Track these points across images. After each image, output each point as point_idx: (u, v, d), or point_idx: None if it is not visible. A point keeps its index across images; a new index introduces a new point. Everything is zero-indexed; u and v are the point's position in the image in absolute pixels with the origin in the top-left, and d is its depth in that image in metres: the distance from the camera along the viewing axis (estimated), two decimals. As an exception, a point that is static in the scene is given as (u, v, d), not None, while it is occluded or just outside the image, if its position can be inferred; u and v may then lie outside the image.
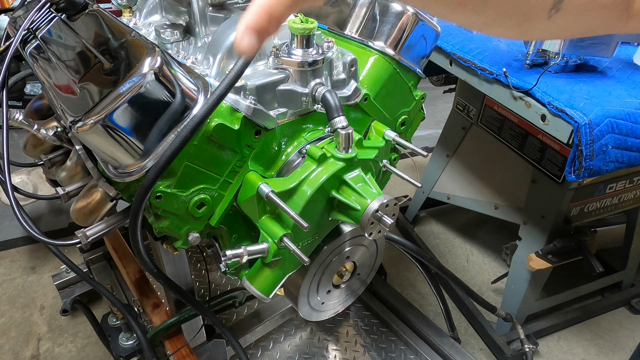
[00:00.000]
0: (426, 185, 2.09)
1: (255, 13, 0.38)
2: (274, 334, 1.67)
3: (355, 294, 1.00)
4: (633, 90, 1.31)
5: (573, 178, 1.20)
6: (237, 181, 0.81)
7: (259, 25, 0.38)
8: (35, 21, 1.00)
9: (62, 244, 0.85)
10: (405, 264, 2.06)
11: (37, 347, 1.68)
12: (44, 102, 1.12)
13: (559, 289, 1.78)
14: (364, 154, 0.82)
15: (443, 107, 3.25)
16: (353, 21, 0.95)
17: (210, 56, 0.81)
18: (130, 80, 0.64)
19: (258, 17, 0.38)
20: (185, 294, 1.00)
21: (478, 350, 1.71)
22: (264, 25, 0.38)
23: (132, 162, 0.69)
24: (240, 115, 0.74)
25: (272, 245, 0.75)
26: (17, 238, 2.16)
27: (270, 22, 0.38)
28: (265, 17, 0.38)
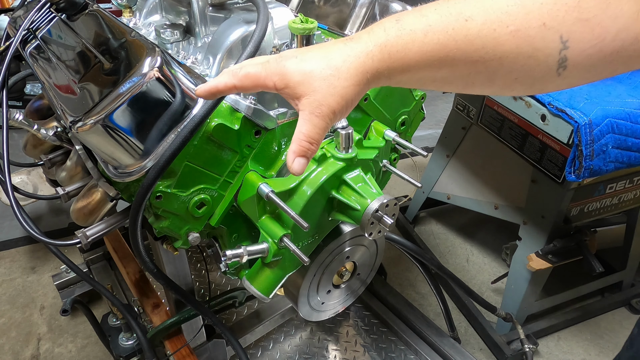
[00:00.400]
0: (426, 185, 2.09)
1: (298, 143, 0.52)
2: (274, 334, 1.67)
3: (355, 294, 1.00)
4: (633, 90, 1.31)
5: (573, 178, 1.20)
6: (237, 181, 0.81)
7: (304, 150, 0.52)
8: (35, 21, 1.00)
9: (62, 244, 0.85)
10: (405, 264, 2.06)
11: (37, 347, 1.68)
12: (44, 102, 1.12)
13: (559, 289, 1.78)
14: (364, 154, 0.82)
15: (443, 107, 3.25)
16: (353, 21, 0.95)
17: (210, 56, 0.81)
18: (130, 80, 0.64)
19: (301, 145, 0.52)
20: (185, 294, 1.00)
21: (478, 350, 1.71)
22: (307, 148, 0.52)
23: (132, 162, 0.70)
24: (240, 115, 0.74)
25: (272, 245, 0.75)
26: (17, 238, 2.16)
27: (311, 146, 0.52)
28: (306, 144, 0.52)
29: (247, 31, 0.79)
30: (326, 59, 0.51)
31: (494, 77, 0.50)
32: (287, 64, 0.52)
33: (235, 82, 0.55)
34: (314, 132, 0.51)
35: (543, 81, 0.50)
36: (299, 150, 0.51)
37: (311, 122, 0.51)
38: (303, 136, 0.51)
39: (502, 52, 0.48)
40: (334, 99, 0.50)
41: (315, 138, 0.52)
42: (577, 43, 0.46)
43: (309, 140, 0.51)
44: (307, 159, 0.52)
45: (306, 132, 0.51)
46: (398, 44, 0.50)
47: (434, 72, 0.51)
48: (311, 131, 0.51)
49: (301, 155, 0.52)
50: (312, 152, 0.52)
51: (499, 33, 0.47)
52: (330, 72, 0.50)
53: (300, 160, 0.52)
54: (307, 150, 0.52)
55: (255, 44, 0.67)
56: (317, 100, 0.50)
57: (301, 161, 0.52)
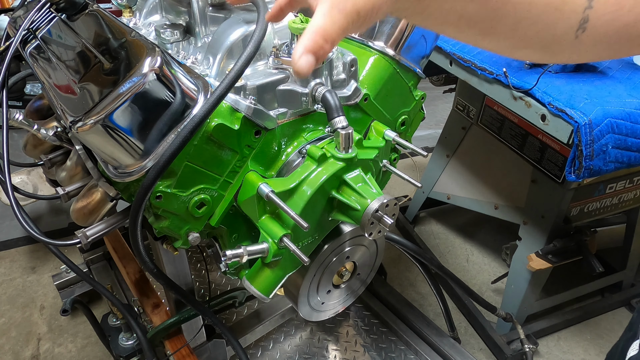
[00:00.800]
0: (426, 185, 2.09)
1: (311, 36, 0.43)
2: (274, 334, 1.67)
3: (355, 294, 1.00)
4: (633, 90, 1.31)
5: (573, 178, 1.20)
6: (237, 181, 0.81)
7: (316, 46, 0.43)
8: (35, 21, 1.00)
9: (62, 244, 0.85)
10: (405, 264, 2.06)
11: (37, 347, 1.68)
12: (44, 102, 1.12)
13: (559, 289, 1.78)
14: (364, 154, 0.82)
15: (443, 107, 3.25)
16: (353, 21, 0.95)
17: (210, 56, 0.81)
18: (130, 80, 0.64)
19: (314, 40, 0.43)
20: (185, 294, 1.00)
21: (478, 350, 1.71)
22: (319, 45, 0.43)
23: (132, 162, 0.70)
24: (240, 115, 0.74)
25: (272, 245, 0.75)
26: (17, 238, 2.16)
27: (325, 43, 0.43)
28: (320, 39, 0.43)
29: (247, 31, 0.79)
30: None
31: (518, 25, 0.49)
32: None
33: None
34: (332, 29, 0.43)
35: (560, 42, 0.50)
36: (310, 46, 0.43)
37: (331, 16, 0.44)
38: (320, 29, 0.43)
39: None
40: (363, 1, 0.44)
41: (332, 35, 0.44)
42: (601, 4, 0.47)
43: (324, 35, 0.43)
44: (316, 58, 0.44)
45: (323, 25, 0.43)
46: None
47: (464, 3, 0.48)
48: (328, 26, 0.43)
49: (311, 51, 0.43)
50: (324, 51, 0.44)
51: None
52: None
53: (308, 57, 0.44)
54: (320, 47, 0.44)
55: (255, 44, 0.67)
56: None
57: (309, 58, 0.44)
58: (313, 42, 0.43)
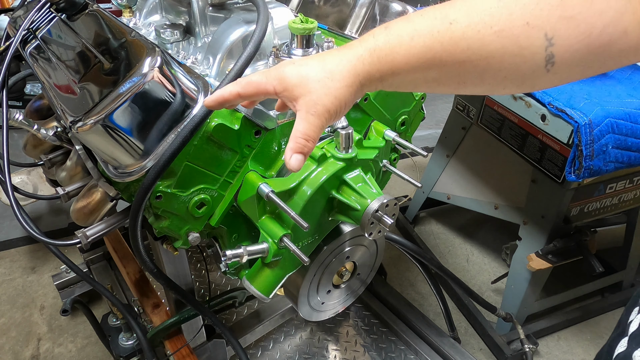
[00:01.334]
0: (426, 185, 2.09)
1: (295, 140, 0.54)
2: (274, 334, 1.67)
3: (355, 294, 1.00)
4: (633, 90, 1.31)
5: (573, 178, 1.20)
6: (237, 181, 0.81)
7: (300, 147, 0.54)
8: (35, 21, 1.00)
9: (62, 244, 0.85)
10: (405, 264, 2.06)
11: (37, 347, 1.68)
12: (44, 102, 1.12)
13: (559, 289, 1.78)
14: (364, 154, 0.82)
15: (443, 107, 3.25)
16: (353, 21, 0.95)
17: (210, 56, 0.81)
18: (130, 80, 0.64)
19: (298, 142, 0.54)
20: (185, 294, 1.00)
21: (478, 350, 1.71)
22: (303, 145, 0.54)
23: (132, 162, 0.70)
24: (240, 115, 0.74)
25: (272, 245, 0.75)
26: (17, 238, 2.16)
27: (307, 142, 0.54)
28: (303, 140, 0.54)
29: (247, 31, 0.79)
30: (321, 64, 0.55)
31: (484, 75, 0.52)
32: (286, 70, 0.56)
33: (239, 90, 0.58)
34: (310, 130, 0.54)
35: (533, 78, 0.51)
36: (296, 147, 0.54)
37: (307, 120, 0.54)
38: (300, 133, 0.54)
39: (488, 52, 0.49)
40: (328, 99, 0.54)
41: (311, 135, 0.55)
42: (563, 40, 0.47)
43: (305, 137, 0.54)
44: (304, 156, 0.55)
45: (302, 129, 0.54)
46: (386, 48, 0.53)
47: (424, 73, 0.53)
48: (307, 129, 0.54)
49: (298, 152, 0.55)
50: (308, 149, 0.55)
51: (483, 34, 0.49)
52: (325, 74, 0.54)
53: (297, 156, 0.55)
54: (304, 147, 0.54)
55: (255, 44, 0.67)
56: (312, 100, 0.54)
57: (298, 157, 0.55)
58: (298, 144, 0.54)
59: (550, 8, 0.47)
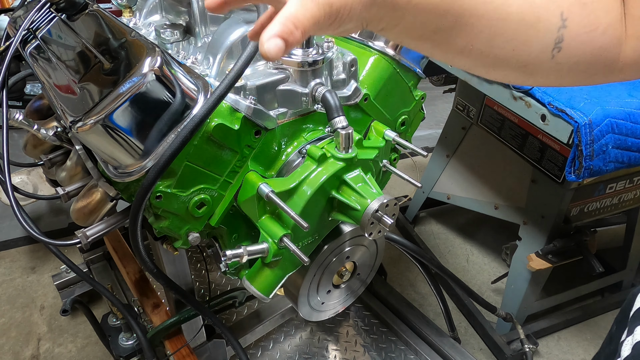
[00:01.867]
0: (426, 185, 2.09)
1: (282, 20, 0.40)
2: (274, 334, 1.67)
3: (355, 294, 1.00)
4: (633, 90, 1.31)
5: (573, 178, 1.20)
6: (237, 181, 0.81)
7: (287, 31, 0.40)
8: (35, 21, 1.00)
9: (62, 244, 0.85)
10: (405, 264, 2.06)
11: (37, 347, 1.68)
12: (44, 102, 1.12)
13: (559, 289, 1.78)
14: (364, 154, 0.82)
15: (443, 107, 3.25)
16: (353, 21, 0.95)
17: (210, 56, 0.81)
18: (130, 80, 0.64)
19: (285, 24, 0.40)
20: (185, 294, 1.00)
21: (478, 350, 1.71)
22: (290, 31, 0.40)
23: (132, 162, 0.70)
24: (240, 115, 0.74)
25: (272, 245, 0.75)
26: (17, 238, 2.16)
27: (296, 29, 0.40)
28: (292, 25, 0.40)
29: (247, 31, 0.79)
30: None
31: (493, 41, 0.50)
32: None
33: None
34: (304, 16, 0.41)
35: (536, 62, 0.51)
36: (280, 30, 0.40)
37: (303, 4, 0.41)
38: (290, 15, 0.41)
39: (507, 13, 0.48)
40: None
41: (303, 23, 0.41)
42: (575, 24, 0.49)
43: (296, 22, 0.40)
44: (285, 43, 0.40)
45: (295, 12, 0.41)
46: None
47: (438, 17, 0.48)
48: (300, 13, 0.41)
49: (281, 36, 0.40)
50: (294, 38, 0.41)
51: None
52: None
53: (277, 41, 0.40)
54: (291, 33, 0.40)
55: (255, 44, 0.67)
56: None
57: (279, 43, 0.40)
58: (284, 26, 0.40)
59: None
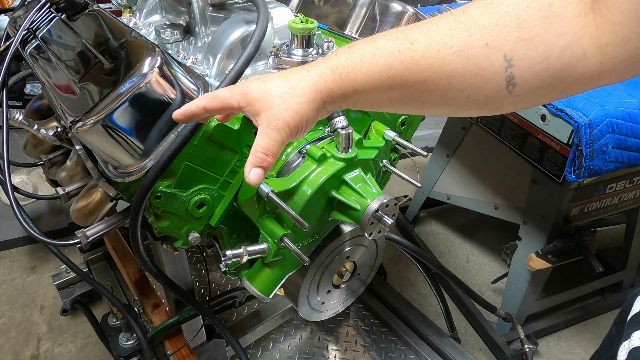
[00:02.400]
0: (426, 185, 2.09)
1: (255, 154, 0.54)
2: (274, 334, 1.67)
3: (355, 294, 1.00)
4: (633, 90, 1.31)
5: (573, 178, 1.20)
6: (237, 181, 0.81)
7: (259, 161, 0.54)
8: (35, 21, 1.00)
9: (62, 244, 0.85)
10: (405, 264, 2.06)
11: (37, 347, 1.68)
12: (44, 102, 1.12)
13: (559, 289, 1.78)
14: (364, 154, 0.82)
15: (443, 107, 3.24)
16: (353, 21, 0.95)
17: (210, 56, 0.81)
18: (130, 80, 0.64)
19: (257, 156, 0.54)
20: (185, 294, 1.00)
21: (478, 350, 1.71)
22: (262, 159, 0.54)
23: (132, 162, 0.70)
24: (241, 115, 0.74)
25: (272, 246, 0.75)
26: (17, 238, 2.16)
27: (266, 157, 0.54)
28: (262, 154, 0.54)
29: (247, 31, 0.79)
30: (284, 80, 0.56)
31: (446, 95, 0.53)
32: (250, 85, 0.57)
33: (205, 104, 0.59)
34: (270, 144, 0.54)
35: (496, 99, 0.52)
36: (255, 161, 0.54)
37: (267, 134, 0.55)
38: (260, 147, 0.54)
39: (448, 72, 0.51)
40: (289, 114, 0.54)
41: (271, 150, 0.55)
42: (522, 61, 0.48)
43: (265, 151, 0.54)
44: (263, 170, 0.55)
45: (262, 144, 0.54)
46: (348, 66, 0.54)
47: (387, 92, 0.54)
48: (267, 143, 0.54)
49: (257, 166, 0.54)
50: (268, 163, 0.55)
51: (444, 54, 0.50)
52: (286, 90, 0.55)
53: (256, 170, 0.54)
54: (263, 161, 0.54)
55: (255, 44, 0.67)
56: (273, 115, 0.55)
57: (258, 171, 0.54)
58: (257, 158, 0.54)
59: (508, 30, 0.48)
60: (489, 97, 0.52)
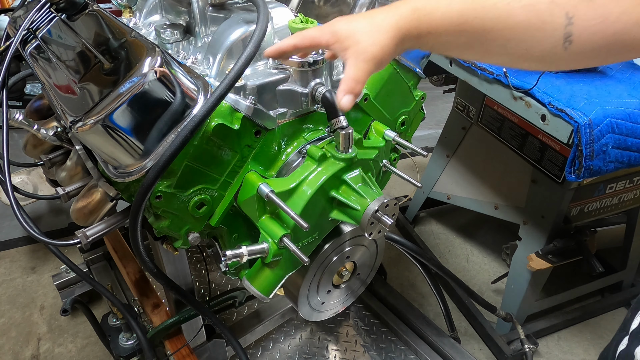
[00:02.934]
0: (426, 185, 2.09)
1: (347, 82, 0.63)
2: (274, 334, 1.67)
3: (355, 294, 1.00)
4: (633, 90, 1.31)
5: (573, 178, 1.20)
6: (237, 181, 0.81)
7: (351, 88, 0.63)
8: (35, 21, 1.00)
9: (62, 244, 0.85)
10: (405, 264, 2.06)
11: (37, 347, 1.68)
12: (44, 102, 1.12)
13: (559, 289, 1.78)
14: (364, 154, 0.82)
15: (443, 107, 3.25)
16: (353, 21, 0.95)
17: (210, 56, 0.81)
18: (130, 80, 0.64)
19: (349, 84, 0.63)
20: (185, 294, 1.00)
21: (478, 350, 1.71)
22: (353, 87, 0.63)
23: (132, 162, 0.70)
24: (240, 115, 0.74)
25: (272, 245, 0.75)
26: (17, 238, 2.16)
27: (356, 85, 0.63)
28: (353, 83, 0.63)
29: (247, 31, 0.79)
30: (369, 19, 0.63)
31: (507, 45, 0.58)
32: (338, 25, 0.65)
33: (296, 42, 0.67)
34: (359, 74, 0.62)
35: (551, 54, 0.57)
36: (347, 88, 0.63)
37: (356, 66, 0.62)
38: (350, 77, 0.63)
39: (514, 23, 0.56)
40: (375, 48, 0.62)
41: (360, 78, 0.63)
42: (582, 20, 0.52)
43: (355, 80, 0.62)
44: (354, 96, 0.63)
45: (352, 74, 0.63)
46: (426, 9, 0.61)
47: (455, 36, 0.61)
48: (356, 73, 0.62)
49: (349, 93, 0.63)
50: (358, 90, 0.63)
51: (512, 6, 0.56)
52: (372, 27, 0.63)
53: (348, 97, 0.63)
54: (354, 88, 0.63)
55: (255, 44, 0.67)
56: (361, 49, 0.62)
57: (349, 97, 0.63)
58: (348, 86, 0.63)
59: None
60: (546, 52, 0.56)
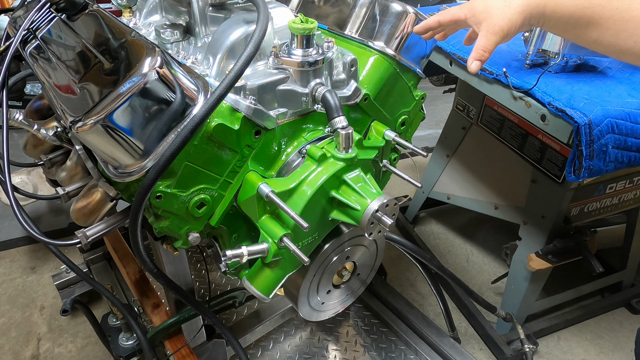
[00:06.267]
0: (426, 185, 2.09)
1: (477, 50, 0.77)
2: (274, 334, 1.67)
3: (355, 294, 1.00)
4: (633, 90, 1.31)
5: (573, 178, 1.20)
6: (237, 181, 0.81)
7: (480, 56, 0.78)
8: (35, 21, 1.00)
9: (62, 244, 0.85)
10: (405, 264, 2.06)
11: (37, 347, 1.68)
12: (44, 102, 1.12)
13: (559, 289, 1.78)
14: (364, 154, 0.82)
15: (443, 107, 3.25)
16: (353, 21, 0.95)
17: (210, 56, 0.81)
18: (130, 80, 0.64)
19: (479, 52, 0.77)
20: (185, 294, 1.00)
21: (478, 350, 1.71)
22: (481, 54, 0.78)
23: (132, 162, 0.70)
24: (240, 115, 0.74)
25: (272, 245, 0.75)
26: (17, 238, 2.16)
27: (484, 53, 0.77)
28: (482, 51, 0.77)
29: (247, 31, 0.79)
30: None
31: (618, 36, 0.68)
32: (475, 1, 0.79)
33: (440, 18, 0.83)
34: (488, 44, 0.76)
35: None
36: (477, 55, 0.77)
37: (486, 37, 0.76)
38: (480, 46, 0.76)
39: (629, 16, 0.66)
40: (504, 22, 0.74)
41: (489, 48, 0.76)
42: None
43: (484, 48, 0.76)
44: (481, 62, 0.77)
45: (482, 43, 0.76)
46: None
47: (575, 20, 0.70)
48: (486, 43, 0.76)
49: (478, 59, 0.77)
50: (485, 57, 0.77)
51: (632, 1, 0.66)
52: (504, 3, 0.75)
53: (477, 62, 0.77)
54: (482, 55, 0.77)
55: (255, 44, 0.67)
56: (492, 22, 0.75)
57: (477, 63, 0.77)
58: (478, 53, 0.77)
59: None
60: None
